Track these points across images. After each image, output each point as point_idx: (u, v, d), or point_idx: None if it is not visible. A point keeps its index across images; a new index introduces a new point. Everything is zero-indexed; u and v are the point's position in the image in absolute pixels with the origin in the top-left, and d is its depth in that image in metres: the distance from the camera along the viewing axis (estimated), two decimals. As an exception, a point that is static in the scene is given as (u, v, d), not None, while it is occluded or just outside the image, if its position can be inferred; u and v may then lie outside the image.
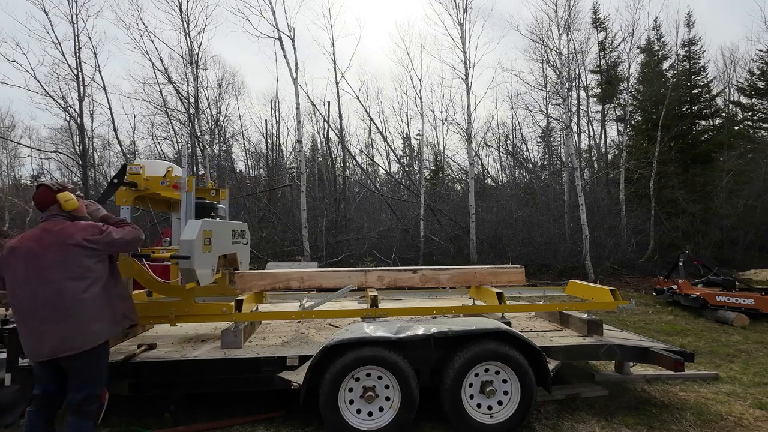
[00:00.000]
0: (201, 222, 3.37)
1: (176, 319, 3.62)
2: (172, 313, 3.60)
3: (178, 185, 3.74)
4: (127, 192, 3.67)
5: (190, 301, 3.66)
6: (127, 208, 3.66)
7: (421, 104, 19.57)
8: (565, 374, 4.20)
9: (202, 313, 3.70)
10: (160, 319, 3.64)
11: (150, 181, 3.73)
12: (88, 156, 18.21)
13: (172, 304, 3.63)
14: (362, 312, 3.90)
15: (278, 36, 14.79)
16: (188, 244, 3.23)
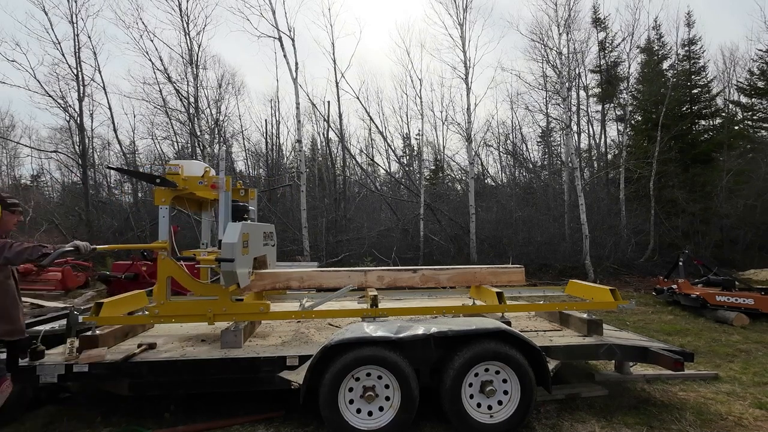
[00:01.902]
0: (241, 224, 3.46)
1: (214, 318, 3.67)
2: (210, 312, 3.65)
3: (216, 185, 3.75)
4: (166, 192, 3.69)
5: (227, 301, 3.70)
6: (165, 208, 3.68)
7: (421, 104, 19.59)
8: (565, 374, 4.20)
9: (239, 311, 3.73)
10: (198, 318, 3.69)
11: (188, 180, 3.75)
12: (88, 156, 18.23)
13: (210, 303, 3.67)
14: (362, 312, 3.90)
15: (278, 36, 14.80)
16: (230, 247, 3.31)
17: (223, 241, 3.38)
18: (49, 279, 10.45)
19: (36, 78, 16.39)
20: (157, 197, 3.67)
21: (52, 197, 25.97)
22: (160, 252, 3.58)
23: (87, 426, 3.39)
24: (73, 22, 15.97)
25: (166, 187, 3.65)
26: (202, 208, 4.48)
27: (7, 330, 2.86)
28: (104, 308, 3.59)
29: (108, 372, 3.19)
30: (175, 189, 3.69)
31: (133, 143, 22.44)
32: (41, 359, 3.23)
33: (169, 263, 3.61)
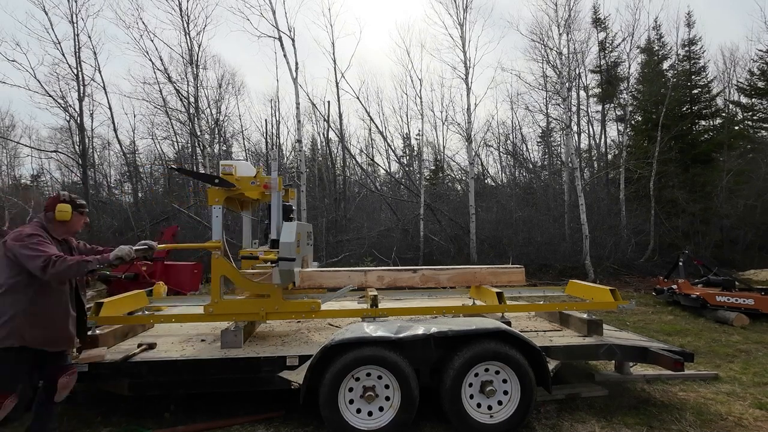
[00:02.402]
0: (295, 224, 3.53)
1: (267, 316, 3.73)
2: (262, 311, 3.69)
3: (268, 186, 3.77)
4: (220, 192, 3.73)
5: (279, 299, 3.73)
6: (219, 207, 3.72)
7: (421, 104, 19.58)
8: (565, 374, 4.20)
9: (290, 310, 3.78)
10: (252, 317, 3.74)
11: (241, 181, 3.77)
12: (88, 156, 18.22)
13: (263, 302, 3.71)
14: (362, 312, 3.91)
15: (278, 36, 14.80)
16: (289, 246, 3.39)
17: (281, 241, 3.46)
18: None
19: (36, 78, 16.36)
20: (211, 197, 3.72)
21: (52, 197, 25.93)
22: (214, 251, 3.62)
23: (87, 426, 3.39)
24: (73, 22, 15.96)
25: (223, 187, 3.69)
26: (243, 207, 4.51)
27: (48, 337, 2.74)
28: (104, 308, 3.59)
29: (108, 372, 3.19)
30: (229, 189, 3.73)
31: (133, 143, 22.46)
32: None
33: (223, 262, 3.65)
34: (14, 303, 2.61)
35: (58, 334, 2.80)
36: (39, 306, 2.69)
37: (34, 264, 2.57)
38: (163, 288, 4.82)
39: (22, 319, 2.62)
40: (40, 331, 2.68)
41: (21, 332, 2.61)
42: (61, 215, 2.80)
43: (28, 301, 2.65)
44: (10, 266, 2.63)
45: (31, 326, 2.64)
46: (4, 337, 2.58)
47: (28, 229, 2.70)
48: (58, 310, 2.80)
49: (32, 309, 2.66)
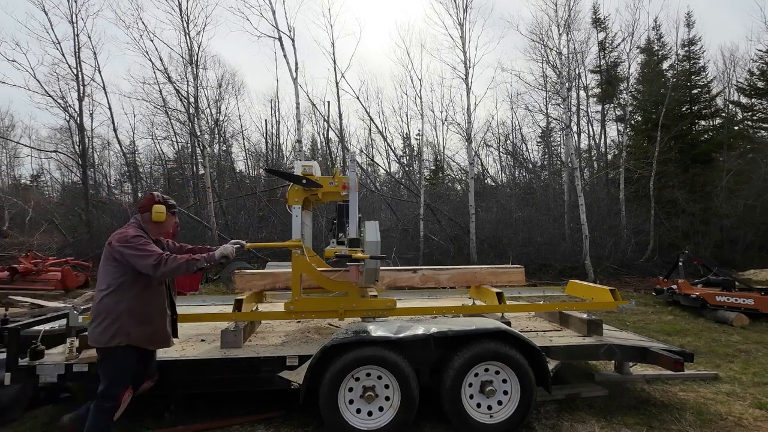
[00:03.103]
0: (376, 223, 3.58)
1: (345, 314, 3.77)
2: (341, 309, 3.74)
3: (346, 186, 3.80)
4: (300, 192, 3.78)
5: (357, 297, 3.77)
6: (298, 207, 3.76)
7: (421, 104, 19.59)
8: (565, 374, 4.20)
9: (368, 308, 3.82)
10: (330, 314, 3.80)
11: (321, 181, 3.81)
12: (88, 156, 18.23)
13: (341, 300, 3.77)
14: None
15: (278, 36, 14.82)
16: (375, 245, 3.45)
17: (367, 240, 3.52)
18: (49, 279, 10.45)
19: (36, 78, 16.42)
20: (291, 197, 3.76)
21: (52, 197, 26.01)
22: (294, 250, 3.66)
23: (87, 426, 3.39)
24: (73, 22, 15.99)
25: (310, 187, 3.73)
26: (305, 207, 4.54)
27: (150, 336, 2.80)
28: (104, 308, 3.57)
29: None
30: (308, 189, 3.76)
31: (133, 143, 22.48)
32: (41, 359, 3.22)
33: (303, 261, 3.69)
34: (120, 302, 2.69)
35: (158, 333, 2.87)
36: (142, 305, 2.77)
37: (146, 262, 2.64)
38: (163, 288, 4.81)
39: (128, 318, 2.69)
40: (143, 329, 2.76)
41: (127, 330, 2.69)
42: (157, 216, 2.85)
43: (132, 300, 2.72)
44: (116, 267, 2.71)
45: (135, 325, 2.72)
46: (113, 335, 2.66)
47: (131, 231, 2.76)
48: (158, 310, 2.88)
49: (136, 308, 2.74)
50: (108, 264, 2.73)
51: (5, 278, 10.12)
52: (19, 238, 16.32)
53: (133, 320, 2.70)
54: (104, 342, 2.65)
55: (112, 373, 2.71)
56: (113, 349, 2.67)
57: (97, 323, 2.68)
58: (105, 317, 2.66)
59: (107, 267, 2.73)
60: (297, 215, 3.73)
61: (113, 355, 2.69)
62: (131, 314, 2.70)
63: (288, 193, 3.81)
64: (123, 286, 2.70)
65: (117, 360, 2.70)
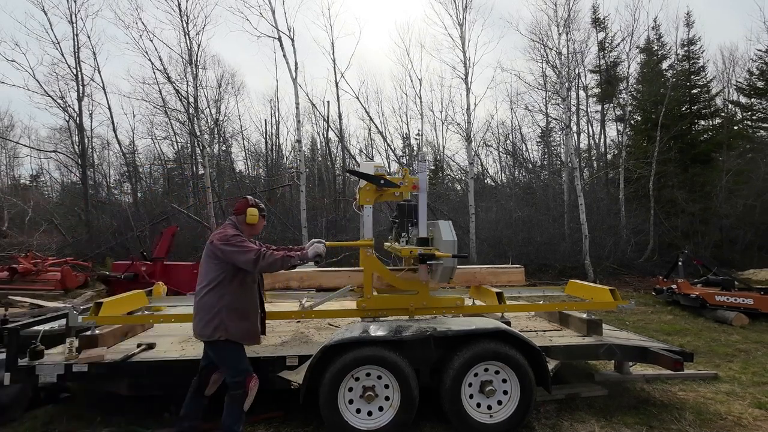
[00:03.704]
0: (449, 223, 3.66)
1: (415, 311, 3.81)
2: (412, 306, 3.79)
3: (416, 186, 3.83)
4: (372, 192, 3.82)
5: (427, 295, 3.83)
6: (369, 207, 3.81)
7: (421, 104, 19.66)
8: (565, 374, 4.20)
9: (438, 305, 3.89)
10: (401, 312, 3.84)
11: (393, 181, 3.84)
12: (88, 156, 18.22)
13: (412, 298, 3.82)
14: (362, 312, 3.90)
15: (278, 36, 14.80)
16: (452, 244, 3.52)
17: (444, 239, 3.59)
18: (49, 279, 10.45)
19: (35, 78, 16.45)
20: (362, 197, 3.81)
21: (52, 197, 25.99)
22: (364, 249, 3.72)
23: (87, 426, 3.39)
24: (72, 22, 15.99)
25: (387, 188, 3.78)
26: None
27: (245, 332, 2.88)
28: (104, 308, 3.58)
29: (107, 372, 3.19)
30: (379, 190, 3.80)
31: (133, 143, 22.47)
32: (41, 359, 3.22)
33: (374, 260, 3.75)
34: (221, 298, 2.81)
35: (252, 330, 2.97)
36: (239, 302, 2.89)
37: (246, 258, 2.78)
38: (162, 288, 4.82)
39: (227, 314, 2.80)
40: (240, 325, 2.86)
41: (226, 326, 2.79)
42: (251, 218, 3.02)
43: (231, 296, 2.84)
44: (216, 264, 2.84)
45: (233, 320, 2.82)
46: (214, 329, 2.78)
47: (230, 231, 2.91)
48: (252, 307, 3.00)
49: (234, 304, 2.85)
50: (210, 261, 2.87)
51: (5, 278, 10.12)
52: (19, 238, 16.29)
53: (231, 316, 2.81)
54: (207, 335, 2.79)
55: (227, 362, 2.86)
56: (216, 342, 2.80)
57: (199, 318, 2.82)
58: (206, 312, 2.80)
59: (209, 264, 2.87)
60: (368, 215, 3.80)
61: (220, 347, 2.82)
62: (230, 310, 2.82)
63: (359, 193, 3.87)
64: (223, 283, 2.82)
65: (225, 351, 2.83)
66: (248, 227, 3.05)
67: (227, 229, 2.94)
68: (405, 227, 4.08)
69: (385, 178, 3.75)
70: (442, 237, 3.61)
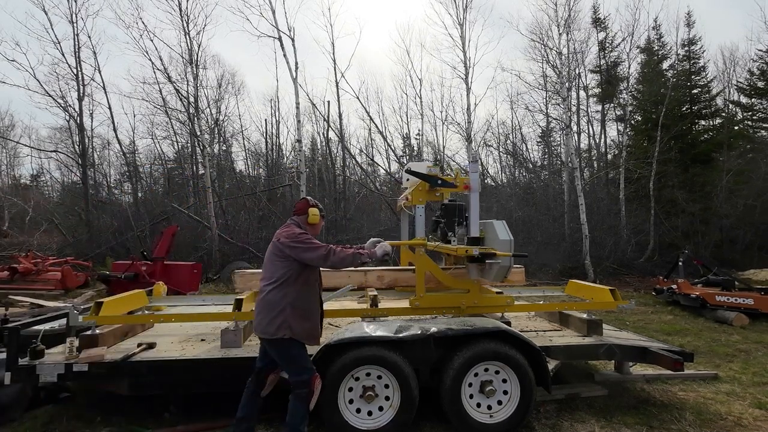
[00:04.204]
0: (504, 222, 3.68)
1: (467, 310, 3.85)
2: (463, 305, 3.84)
3: (469, 186, 3.85)
4: (424, 192, 3.85)
5: (478, 294, 3.87)
6: (422, 207, 3.80)
7: (421, 104, 19.63)
8: (565, 374, 4.20)
9: (488, 304, 3.93)
10: (453, 311, 3.89)
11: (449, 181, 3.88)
12: (88, 155, 18.21)
13: (463, 297, 3.87)
14: (362, 311, 3.90)
15: (278, 35, 14.80)
16: (509, 244, 3.55)
17: (500, 239, 3.65)
18: (49, 279, 10.45)
19: (36, 78, 16.42)
20: (415, 197, 3.84)
21: (52, 197, 25.99)
22: (418, 248, 3.74)
23: (87, 426, 3.39)
24: (72, 22, 15.97)
25: (445, 188, 3.81)
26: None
27: (307, 331, 2.87)
28: (104, 308, 3.59)
29: (108, 371, 3.18)
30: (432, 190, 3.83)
31: (133, 143, 22.47)
32: (41, 358, 3.22)
33: (427, 259, 3.78)
34: (285, 296, 2.81)
35: (314, 329, 2.95)
36: (303, 300, 2.89)
37: (316, 254, 2.83)
38: (162, 288, 4.82)
39: (291, 312, 2.80)
40: (303, 323, 2.85)
41: (290, 324, 2.78)
42: (313, 218, 3.05)
43: (295, 294, 2.84)
44: (282, 262, 2.85)
45: (296, 318, 2.81)
46: (278, 327, 2.76)
47: (297, 229, 2.95)
48: (314, 306, 2.99)
49: (298, 303, 2.85)
50: (276, 259, 2.87)
51: (5, 278, 10.12)
52: (19, 238, 16.29)
53: (294, 314, 2.81)
54: (270, 333, 2.77)
55: (290, 361, 2.83)
56: (281, 341, 2.77)
57: (263, 315, 2.81)
58: (271, 309, 2.79)
59: (275, 262, 2.87)
60: (420, 214, 3.83)
61: (284, 346, 2.79)
62: (294, 308, 2.81)
63: (411, 194, 3.88)
64: (288, 281, 2.83)
65: (289, 350, 2.81)
66: (310, 227, 3.06)
67: (293, 228, 2.96)
68: (451, 227, 4.08)
69: (442, 178, 3.78)
70: (498, 236, 3.66)
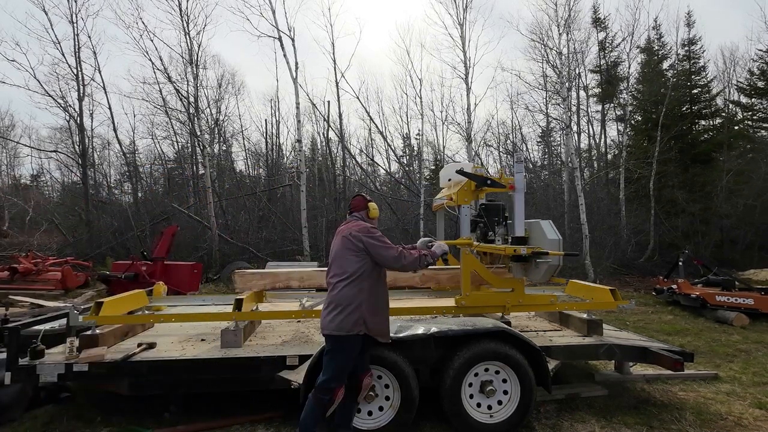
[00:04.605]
0: (550, 222, 3.71)
1: (511, 309, 3.90)
2: (508, 303, 3.87)
3: (513, 186, 3.85)
4: (470, 192, 3.88)
5: (522, 293, 3.89)
6: (467, 207, 3.85)
7: (421, 104, 19.56)
8: (565, 374, 4.20)
9: (533, 303, 4.02)
10: (497, 309, 3.94)
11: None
12: (88, 155, 18.21)
13: (508, 295, 3.89)
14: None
15: (278, 35, 14.81)
16: (558, 243, 3.62)
17: (548, 238, 3.66)
18: (49, 279, 10.46)
19: (36, 78, 16.46)
20: (460, 197, 3.88)
21: (52, 197, 25.98)
22: (464, 248, 3.77)
23: (87, 426, 3.39)
24: (73, 22, 15.98)
25: (494, 188, 3.83)
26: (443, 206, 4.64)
27: (380, 327, 2.85)
28: (104, 307, 3.59)
29: (108, 371, 3.18)
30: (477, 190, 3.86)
31: (133, 143, 22.49)
32: (41, 358, 3.22)
33: (472, 258, 3.82)
34: (360, 292, 2.76)
35: (384, 325, 2.93)
36: (375, 296, 2.85)
37: (389, 254, 2.80)
38: (163, 288, 4.82)
39: (366, 308, 2.76)
40: (375, 320, 2.82)
41: (365, 319, 2.75)
42: (374, 212, 3.06)
43: (369, 291, 2.80)
44: (356, 257, 2.80)
45: (370, 315, 2.78)
46: (354, 323, 2.71)
47: (368, 225, 2.92)
48: (384, 302, 2.96)
49: (371, 298, 2.81)
50: (349, 254, 2.80)
51: (5, 278, 10.13)
52: (19, 238, 16.28)
53: (369, 310, 2.77)
54: (346, 330, 2.69)
55: (340, 362, 2.75)
56: (350, 338, 2.71)
57: (337, 311, 2.72)
58: (346, 306, 2.72)
59: (348, 257, 2.80)
60: (466, 214, 3.86)
61: (348, 344, 2.73)
62: (368, 304, 2.77)
63: (457, 194, 3.90)
64: (362, 276, 2.78)
65: (350, 349, 2.74)
66: (372, 222, 3.04)
67: (364, 223, 2.92)
68: (492, 226, 4.07)
69: (492, 179, 3.79)
70: (547, 236, 3.67)
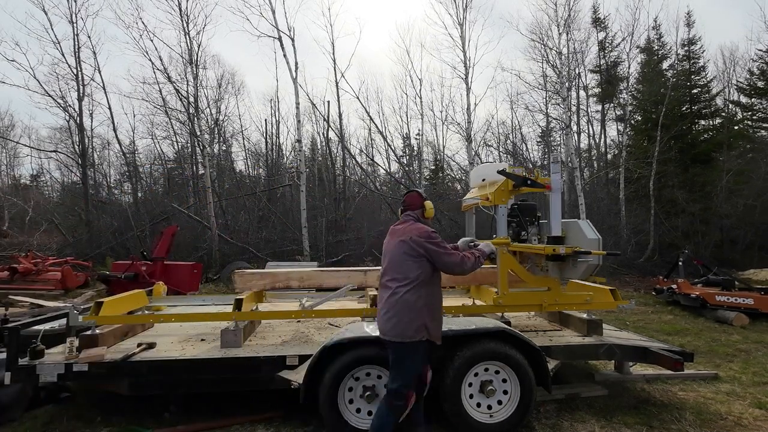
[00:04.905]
0: (588, 222, 3.74)
1: (548, 307, 3.90)
2: (545, 302, 3.88)
3: (549, 186, 3.86)
4: (507, 192, 3.87)
5: (559, 292, 3.90)
6: (503, 207, 3.84)
7: (421, 104, 19.61)
8: (565, 374, 4.20)
9: (569, 302, 3.97)
10: (534, 308, 3.99)
11: None
12: (88, 155, 18.21)
13: (545, 295, 3.90)
14: (362, 311, 3.90)
15: (278, 35, 14.82)
16: (598, 242, 3.67)
17: (588, 238, 3.73)
18: (49, 279, 10.46)
19: (36, 78, 16.50)
20: (498, 197, 3.86)
21: (52, 197, 25.98)
22: (501, 247, 3.77)
23: (87, 426, 3.39)
24: (72, 22, 15.98)
25: (534, 188, 3.83)
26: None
27: (438, 330, 2.83)
28: (104, 307, 3.59)
29: (108, 371, 3.18)
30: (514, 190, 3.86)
31: (133, 143, 22.50)
32: (41, 358, 3.22)
33: (510, 257, 3.82)
34: (419, 298, 2.71)
35: (441, 327, 2.91)
36: (435, 300, 2.83)
37: (450, 260, 2.76)
38: (162, 288, 4.82)
39: (427, 313, 2.73)
40: (434, 324, 2.80)
41: (427, 325, 2.72)
42: (430, 211, 2.97)
43: (429, 296, 2.77)
44: (416, 261, 2.74)
45: (431, 319, 2.76)
46: (417, 329, 2.67)
47: (429, 229, 2.83)
48: (441, 305, 2.94)
49: (431, 303, 2.78)
50: (408, 259, 2.73)
51: (5, 278, 10.13)
52: (19, 238, 16.29)
53: (429, 315, 2.74)
54: (410, 336, 2.64)
55: (411, 368, 2.71)
56: (416, 344, 2.67)
57: (399, 317, 2.66)
58: (409, 311, 2.67)
59: (408, 262, 2.73)
60: (503, 214, 3.84)
61: (415, 351, 2.69)
62: (428, 309, 2.74)
63: (494, 193, 3.89)
64: (423, 281, 2.73)
65: (417, 355, 2.71)
66: (427, 221, 2.99)
67: (422, 225, 2.85)
68: (524, 226, 4.11)
69: (532, 179, 3.79)
70: (586, 236, 3.71)
